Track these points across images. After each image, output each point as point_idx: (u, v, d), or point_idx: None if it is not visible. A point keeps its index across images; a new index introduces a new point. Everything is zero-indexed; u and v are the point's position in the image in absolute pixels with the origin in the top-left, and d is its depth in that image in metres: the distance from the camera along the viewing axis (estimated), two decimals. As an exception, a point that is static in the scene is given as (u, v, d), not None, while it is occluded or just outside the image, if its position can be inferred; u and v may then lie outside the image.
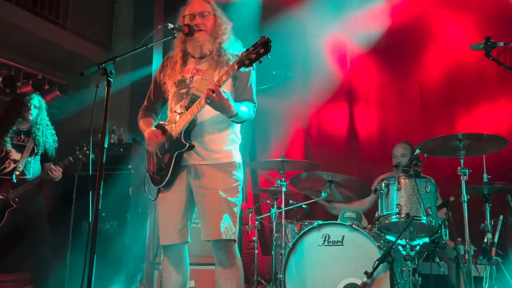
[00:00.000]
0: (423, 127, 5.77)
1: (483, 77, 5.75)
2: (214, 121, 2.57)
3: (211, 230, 2.50)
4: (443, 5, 5.83)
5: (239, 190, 2.61)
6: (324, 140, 6.26)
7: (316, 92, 6.35)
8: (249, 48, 2.27)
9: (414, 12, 5.87)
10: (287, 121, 6.34)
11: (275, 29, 5.79)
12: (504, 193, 3.97)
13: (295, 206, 4.07)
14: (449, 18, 5.82)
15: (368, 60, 6.07)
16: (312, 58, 6.41)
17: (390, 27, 5.89)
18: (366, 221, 4.17)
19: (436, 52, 5.89)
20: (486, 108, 5.69)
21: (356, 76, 6.17)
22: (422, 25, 5.94)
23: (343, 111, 6.30)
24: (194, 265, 3.46)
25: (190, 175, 2.58)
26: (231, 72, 2.33)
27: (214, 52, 2.64)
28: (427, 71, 5.98)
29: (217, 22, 2.66)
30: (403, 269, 3.14)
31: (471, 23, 5.63)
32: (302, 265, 3.38)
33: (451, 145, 3.30)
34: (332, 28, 6.11)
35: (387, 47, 5.99)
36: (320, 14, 6.10)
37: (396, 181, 3.27)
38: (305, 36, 6.37)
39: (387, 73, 6.13)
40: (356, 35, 6.06)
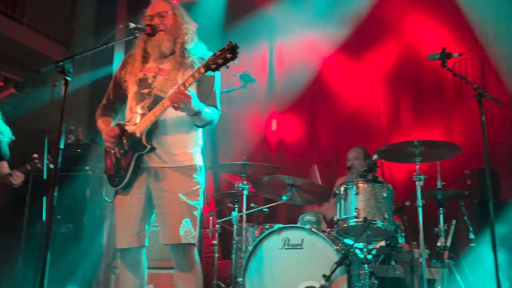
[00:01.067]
0: (381, 133, 5.93)
1: (440, 86, 5.97)
2: (176, 123, 2.54)
3: (170, 233, 2.47)
4: (403, 15, 6.03)
5: (200, 194, 2.59)
6: (285, 144, 6.32)
7: (279, 96, 6.40)
8: (216, 52, 2.26)
9: (377, 18, 6.03)
10: (249, 124, 6.35)
11: (240, 31, 5.81)
12: (457, 198, 4.13)
13: (256, 210, 4.09)
14: (408, 27, 6.02)
15: (331, 65, 6.17)
16: (276, 62, 6.47)
17: (354, 31, 6.01)
18: (325, 225, 4.24)
19: (394, 61, 6.08)
20: (441, 116, 5.90)
21: (319, 80, 6.25)
22: (383, 32, 6.12)
23: (305, 115, 6.38)
24: (152, 269, 3.41)
25: (150, 177, 2.54)
26: (197, 76, 2.32)
27: (177, 53, 2.61)
28: (386, 78, 6.15)
29: (177, 21, 2.63)
30: (360, 272, 3.20)
31: (429, 33, 5.85)
32: (262, 269, 3.40)
33: (407, 152, 3.40)
34: (297, 31, 6.18)
35: (351, 52, 6.12)
36: (285, 17, 6.16)
37: (355, 185, 3.32)
38: (269, 39, 6.42)
39: (348, 79, 6.26)
40: (320, 39, 6.15)
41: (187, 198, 2.50)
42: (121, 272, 2.63)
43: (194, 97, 2.36)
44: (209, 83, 2.60)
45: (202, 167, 2.65)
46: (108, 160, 2.63)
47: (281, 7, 6.11)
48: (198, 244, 3.73)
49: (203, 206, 2.79)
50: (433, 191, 3.73)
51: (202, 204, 2.63)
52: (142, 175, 2.55)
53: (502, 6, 5.73)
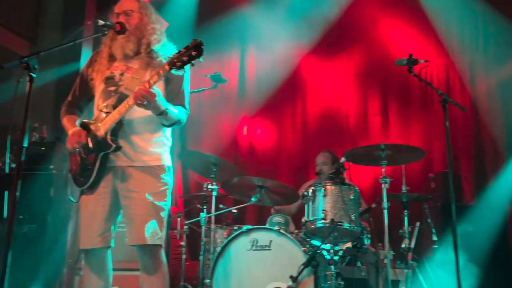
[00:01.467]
0: (350, 136, 6.03)
1: (406, 91, 6.12)
2: (144, 122, 2.51)
3: (137, 234, 2.44)
4: (373, 21, 6.15)
5: (168, 195, 2.56)
6: (255, 146, 6.33)
7: (250, 98, 6.42)
8: (181, 49, 2.24)
9: (347, 22, 6.13)
10: (220, 126, 6.34)
11: (211, 31, 5.79)
12: (421, 201, 4.25)
13: (225, 211, 4.09)
14: (377, 33, 6.15)
15: (302, 68, 6.23)
16: (248, 64, 6.48)
17: (325, 35, 6.08)
18: (293, 226, 4.27)
19: (363, 65, 6.19)
20: (408, 121, 6.05)
21: (290, 83, 6.30)
22: (353, 37, 6.23)
23: (275, 118, 6.42)
24: (118, 271, 3.34)
25: (117, 177, 2.50)
26: (162, 73, 2.29)
27: (143, 53, 2.57)
28: (355, 83, 6.27)
29: (143, 21, 2.58)
30: (326, 273, 3.24)
31: (397, 39, 5.99)
32: (229, 270, 3.40)
33: (374, 155, 3.47)
34: (268, 34, 6.21)
35: (321, 56, 6.19)
36: (257, 19, 6.17)
37: (323, 187, 3.37)
38: (241, 41, 6.43)
39: (318, 82, 6.33)
40: (291, 42, 6.19)
41: (154, 198, 2.47)
42: (85, 274, 2.57)
43: (159, 96, 2.33)
44: (177, 82, 2.56)
45: (171, 167, 2.63)
46: (73, 159, 2.57)
47: (254, 9, 6.12)
48: (166, 246, 3.69)
49: (171, 207, 2.76)
50: (398, 194, 3.82)
51: (169, 205, 2.60)
52: (108, 175, 2.50)
53: (466, 15, 5.93)
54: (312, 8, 6.00)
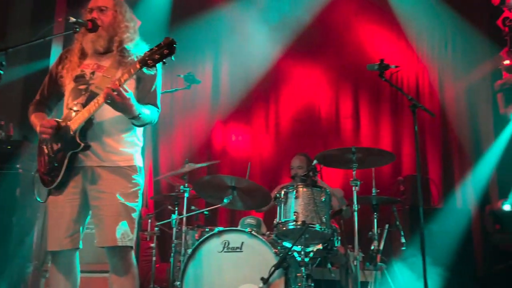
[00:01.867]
0: (322, 139, 6.10)
1: (377, 95, 6.24)
2: (115, 122, 2.47)
3: (106, 236, 2.40)
4: (347, 26, 6.24)
5: (139, 195, 2.53)
6: (228, 148, 6.33)
7: (224, 99, 6.41)
8: (153, 48, 2.21)
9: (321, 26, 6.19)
10: (193, 126, 6.30)
11: (186, 31, 5.76)
12: (390, 204, 4.32)
13: (197, 213, 4.06)
14: (350, 38, 6.24)
15: (275, 70, 6.26)
16: (223, 64, 6.47)
17: (299, 39, 6.13)
18: (265, 228, 4.28)
19: (336, 69, 6.28)
20: (378, 125, 6.17)
21: (263, 85, 6.32)
22: (326, 40, 6.31)
23: (249, 120, 6.43)
24: (86, 273, 3.28)
25: (86, 177, 2.45)
26: (133, 72, 2.26)
27: (115, 51, 2.53)
28: (327, 86, 6.34)
29: (117, 19, 2.54)
30: (297, 274, 3.26)
31: (369, 44, 6.09)
32: (200, 272, 3.38)
33: (345, 158, 3.52)
34: (243, 35, 6.21)
35: (295, 59, 6.24)
36: (232, 21, 6.17)
37: (295, 189, 3.39)
38: (216, 41, 6.41)
39: (291, 84, 6.38)
40: (265, 44, 6.22)
41: (125, 199, 2.43)
42: (52, 276, 2.51)
43: (133, 100, 2.30)
44: (149, 81, 2.53)
45: (142, 168, 2.59)
46: (41, 158, 2.51)
47: (229, 10, 6.12)
48: (136, 247, 3.65)
49: (141, 208, 2.73)
50: (368, 196, 3.88)
51: (141, 206, 2.57)
52: (77, 175, 2.45)
53: (435, 23, 6.09)
54: (287, 11, 6.04)
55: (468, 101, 5.93)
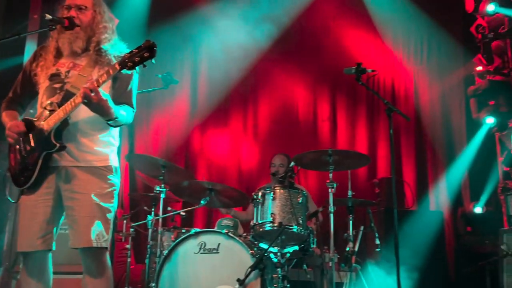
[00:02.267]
0: (299, 141, 6.14)
1: (354, 99, 6.32)
2: (90, 122, 2.43)
3: (81, 237, 2.35)
4: (325, 29, 6.31)
5: (114, 196, 2.49)
6: (206, 149, 6.31)
7: (202, 101, 6.39)
8: (133, 50, 2.18)
9: (300, 29, 6.24)
10: (171, 126, 6.26)
11: (164, 31, 5.71)
12: (365, 206, 4.38)
13: (174, 214, 4.03)
14: (328, 41, 6.31)
15: (254, 71, 6.27)
16: (201, 65, 6.45)
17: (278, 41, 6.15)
18: (242, 229, 4.28)
19: (314, 72, 6.33)
20: (355, 128, 6.24)
21: (243, 87, 6.32)
22: (305, 43, 6.35)
23: (227, 122, 6.42)
24: (59, 274, 3.22)
25: (60, 177, 2.41)
26: (112, 73, 2.23)
27: (91, 51, 2.49)
28: (305, 89, 6.39)
29: (95, 19, 2.50)
30: (273, 276, 3.27)
31: (347, 48, 6.17)
32: (176, 273, 3.35)
33: (322, 160, 3.55)
34: (222, 37, 6.20)
35: (274, 61, 6.26)
36: (212, 22, 6.16)
37: (272, 191, 3.40)
38: (195, 42, 6.39)
39: (271, 87, 6.40)
40: (245, 46, 6.23)
41: (100, 200, 2.40)
42: (23, 278, 2.45)
43: (110, 102, 2.27)
44: (125, 81, 2.50)
45: (118, 168, 2.56)
46: (13, 157, 2.45)
47: (208, 11, 6.10)
48: (110, 248, 3.59)
49: (117, 209, 2.69)
50: (344, 199, 3.92)
51: (116, 206, 2.53)
52: (51, 175, 2.41)
53: (412, 30, 6.21)
54: (265, 14, 6.06)
55: (442, 105, 6.06)
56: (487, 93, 5.39)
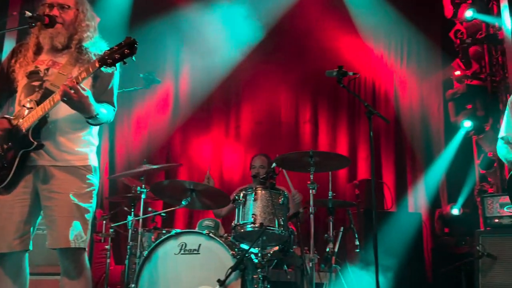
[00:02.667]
0: (281, 142, 6.16)
1: (336, 101, 6.36)
2: (70, 120, 2.39)
3: (59, 237, 2.31)
4: (308, 32, 6.34)
5: (93, 196, 2.46)
6: (188, 150, 6.28)
7: (185, 99, 6.36)
8: (113, 47, 2.16)
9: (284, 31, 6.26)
10: (152, 127, 6.21)
11: (147, 31, 5.67)
12: (345, 207, 4.41)
13: (154, 214, 4.00)
14: (311, 44, 6.34)
15: (237, 73, 6.27)
16: (184, 65, 6.42)
17: (261, 43, 6.16)
18: (223, 230, 4.26)
19: (297, 74, 6.36)
20: (336, 130, 6.29)
21: (225, 88, 6.31)
22: (288, 46, 6.38)
23: (209, 122, 6.40)
24: (36, 275, 3.17)
25: (38, 177, 2.37)
26: (91, 70, 2.20)
27: (72, 48, 2.46)
28: (288, 90, 6.41)
29: (78, 17, 2.48)
30: (254, 276, 3.25)
31: (329, 51, 6.21)
32: (156, 274, 3.32)
33: (303, 161, 3.56)
34: (205, 37, 6.19)
35: (256, 62, 6.27)
36: (195, 22, 6.13)
37: (253, 192, 3.39)
38: (177, 42, 6.35)
39: (253, 88, 6.40)
40: (228, 47, 6.22)
41: (78, 200, 2.36)
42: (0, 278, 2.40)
43: (91, 99, 2.24)
44: (106, 79, 2.47)
45: (97, 167, 2.53)
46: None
47: (191, 11, 6.08)
48: (89, 249, 3.55)
49: (96, 210, 2.65)
50: (325, 200, 3.94)
51: (95, 207, 2.50)
52: (28, 174, 2.36)
53: (393, 34, 6.29)
54: (249, 15, 6.07)
55: (421, 109, 6.15)
56: (464, 97, 5.48)
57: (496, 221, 3.45)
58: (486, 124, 5.40)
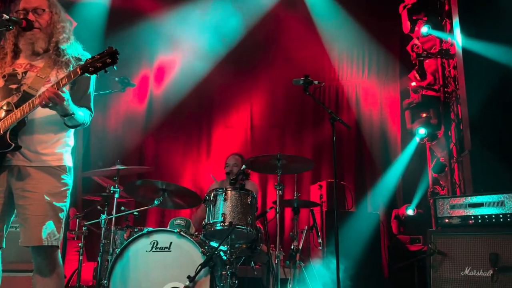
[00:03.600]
0: (251, 145, 6.18)
1: (302, 108, 6.43)
2: (46, 122, 2.34)
3: (32, 235, 2.25)
4: (276, 42, 6.39)
5: (67, 195, 2.40)
6: (162, 149, 6.21)
7: (158, 104, 6.29)
8: (95, 55, 2.13)
9: (253, 41, 6.28)
10: (126, 127, 6.11)
11: (122, 37, 5.59)
12: (309, 207, 4.46)
13: (127, 213, 3.92)
14: (279, 54, 6.40)
15: (210, 79, 6.25)
16: (157, 71, 6.37)
17: (232, 51, 6.16)
18: (193, 228, 4.23)
19: (264, 83, 6.41)
20: (302, 135, 6.36)
21: (198, 93, 6.28)
22: (259, 54, 6.41)
23: (182, 126, 6.36)
24: (8, 272, 3.06)
25: (12, 176, 2.29)
26: (73, 77, 2.15)
27: (51, 51, 2.40)
28: (256, 96, 6.45)
29: (53, 19, 2.42)
30: (222, 272, 3.25)
31: (297, 61, 6.28)
32: (128, 271, 3.26)
33: (271, 164, 3.58)
34: (179, 45, 6.15)
35: (228, 70, 6.27)
36: (169, 30, 6.09)
37: (223, 192, 3.40)
38: (152, 49, 6.30)
39: (224, 94, 6.41)
40: (201, 55, 6.19)
41: (52, 199, 2.30)
42: (-29, 276, 2.31)
43: (68, 99, 2.20)
44: (84, 84, 2.43)
45: (71, 168, 2.47)
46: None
47: (165, 20, 6.03)
48: (62, 247, 3.45)
49: (70, 208, 2.59)
50: (290, 200, 3.98)
51: (68, 206, 2.44)
52: (2, 173, 2.28)
53: (355, 46, 6.41)
54: (220, 25, 6.07)
55: (380, 116, 6.29)
56: (420, 107, 5.62)
57: (446, 221, 3.55)
58: (438, 131, 5.57)
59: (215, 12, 6.04)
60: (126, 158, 5.63)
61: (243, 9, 6.06)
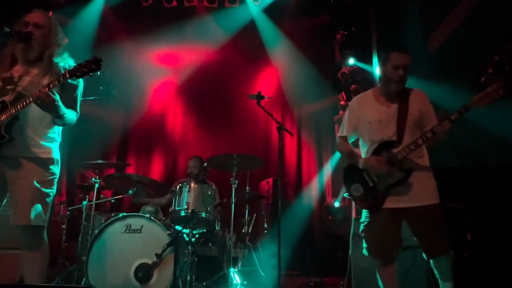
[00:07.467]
0: (215, 146, 6.18)
1: (255, 118, 6.50)
2: (38, 119, 2.27)
3: (22, 215, 2.17)
4: (234, 65, 6.43)
5: (54, 184, 2.33)
6: (142, 147, 6.12)
7: (136, 106, 6.21)
8: (82, 62, 2.10)
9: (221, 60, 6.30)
10: (109, 128, 5.97)
11: (106, 53, 5.43)
12: (258, 199, 4.52)
13: (105, 200, 3.82)
14: (237, 73, 6.44)
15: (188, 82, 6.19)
16: (133, 81, 6.26)
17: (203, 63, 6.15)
18: (161, 214, 4.18)
19: (226, 99, 6.43)
20: (254, 139, 6.42)
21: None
22: (225, 72, 6.44)
23: (158, 124, 6.29)
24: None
25: (6, 165, 2.20)
26: (62, 80, 2.11)
27: (44, 61, 2.33)
28: (218, 107, 6.45)
29: (50, 36, 2.35)
30: (185, 251, 3.25)
31: (251, 79, 6.35)
32: (104, 249, 3.18)
33: (228, 162, 3.62)
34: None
35: (199, 81, 6.24)
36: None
37: (188, 185, 3.40)
38: (128, 63, 6.18)
39: (190, 102, 6.36)
40: (174, 74, 6.13)
41: (41, 186, 2.23)
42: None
43: (58, 101, 2.14)
44: (72, 90, 2.37)
45: (59, 160, 2.40)
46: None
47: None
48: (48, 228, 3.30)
49: (56, 196, 2.50)
50: (243, 192, 4.02)
51: (55, 192, 2.36)
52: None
53: (297, 69, 6.55)
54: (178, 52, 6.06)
55: (316, 126, 6.46)
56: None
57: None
58: (360, 141, 5.78)
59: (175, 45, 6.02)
60: (106, 153, 5.48)
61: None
